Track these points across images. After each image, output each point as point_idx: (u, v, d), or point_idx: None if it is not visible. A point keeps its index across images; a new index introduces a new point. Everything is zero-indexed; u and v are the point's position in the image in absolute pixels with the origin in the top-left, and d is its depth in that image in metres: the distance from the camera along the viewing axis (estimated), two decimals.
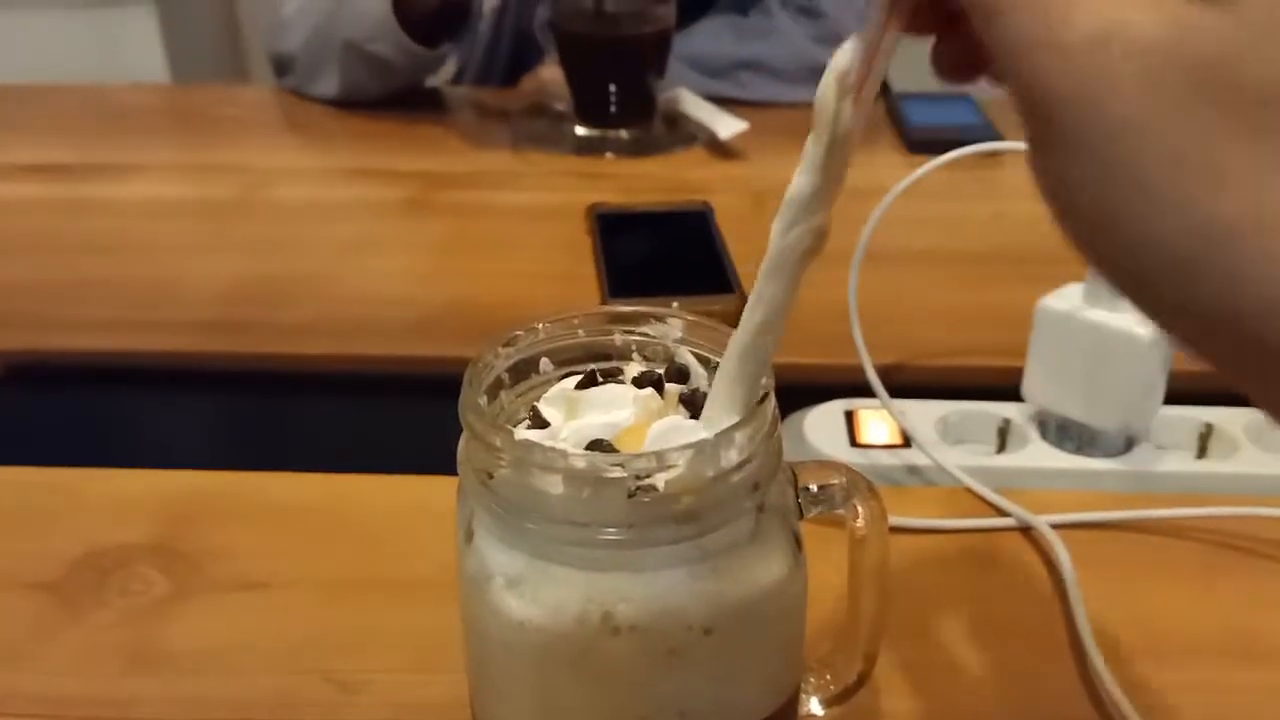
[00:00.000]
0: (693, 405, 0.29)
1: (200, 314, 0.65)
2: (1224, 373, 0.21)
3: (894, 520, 0.32)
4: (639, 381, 0.29)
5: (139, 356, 0.61)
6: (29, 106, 0.98)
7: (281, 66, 0.97)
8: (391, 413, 0.59)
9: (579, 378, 0.30)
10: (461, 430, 0.28)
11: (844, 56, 0.24)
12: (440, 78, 1.03)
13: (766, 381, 0.27)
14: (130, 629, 0.41)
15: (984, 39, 0.22)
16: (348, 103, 0.93)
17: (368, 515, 0.48)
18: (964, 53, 0.26)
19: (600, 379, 0.30)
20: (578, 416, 0.29)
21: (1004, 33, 0.21)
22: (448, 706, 0.37)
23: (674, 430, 0.27)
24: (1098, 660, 0.39)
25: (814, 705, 0.34)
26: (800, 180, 0.25)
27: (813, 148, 0.25)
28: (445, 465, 0.40)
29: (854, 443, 0.51)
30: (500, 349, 0.30)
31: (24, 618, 0.42)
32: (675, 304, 0.31)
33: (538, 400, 0.30)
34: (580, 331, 0.31)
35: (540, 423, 0.29)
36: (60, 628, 0.42)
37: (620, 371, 0.30)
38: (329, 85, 0.93)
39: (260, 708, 0.38)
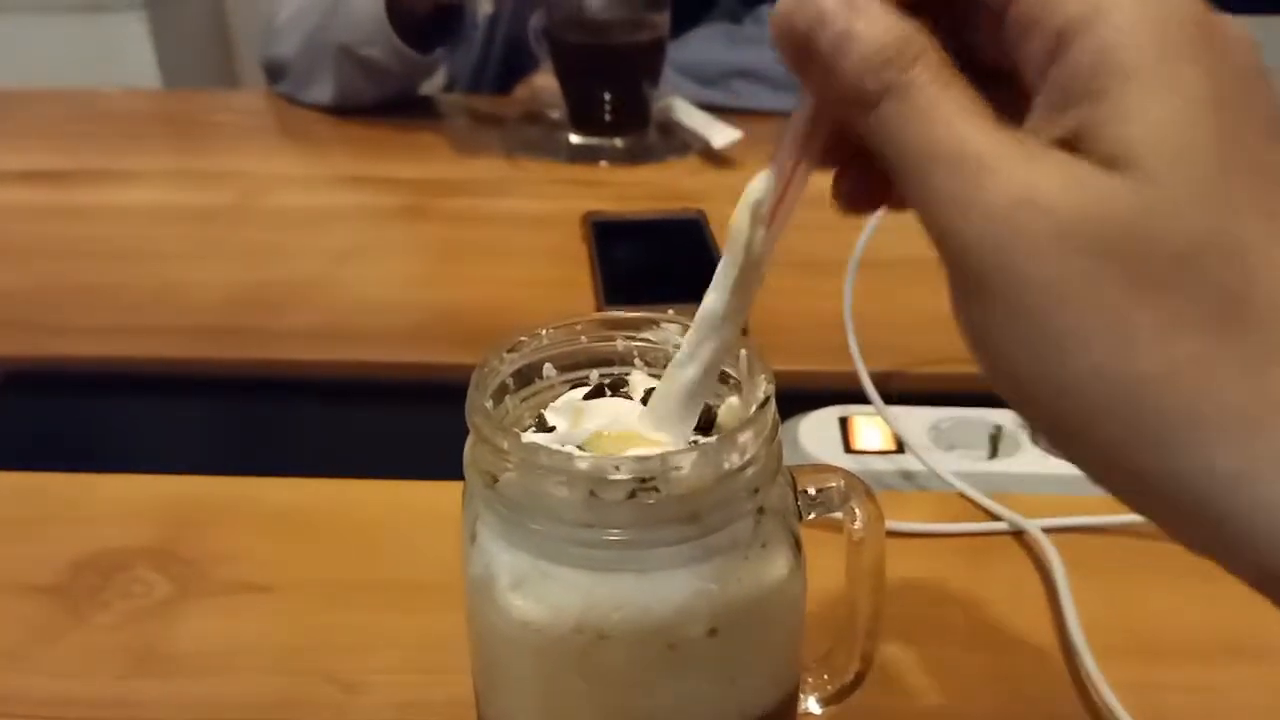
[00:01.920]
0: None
1: (196, 320, 0.65)
2: (1143, 514, 0.22)
3: (888, 525, 0.32)
4: (646, 398, 0.30)
5: (137, 363, 0.62)
6: (21, 112, 0.98)
7: (275, 72, 0.98)
8: (387, 419, 0.60)
9: (587, 389, 0.31)
10: (457, 435, 0.29)
11: (758, 187, 0.26)
12: (433, 85, 1.03)
13: (768, 385, 0.28)
14: (132, 631, 0.42)
15: (905, 195, 0.23)
16: (342, 109, 0.94)
17: (367, 519, 0.48)
18: (864, 187, 0.27)
19: (608, 391, 0.30)
20: (580, 425, 0.29)
21: (925, 192, 0.22)
22: (451, 707, 0.38)
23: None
24: (1089, 662, 0.39)
25: (811, 704, 0.35)
26: (712, 299, 0.27)
27: (725, 270, 0.26)
28: (442, 470, 0.40)
29: (848, 449, 0.52)
30: (505, 354, 0.30)
31: (27, 620, 0.42)
32: (670, 311, 0.31)
33: (542, 405, 0.31)
34: (583, 337, 0.32)
35: (545, 427, 0.29)
36: (63, 630, 0.42)
37: (626, 383, 0.31)
38: (323, 90, 0.94)
39: (263, 709, 0.39)
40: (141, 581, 0.44)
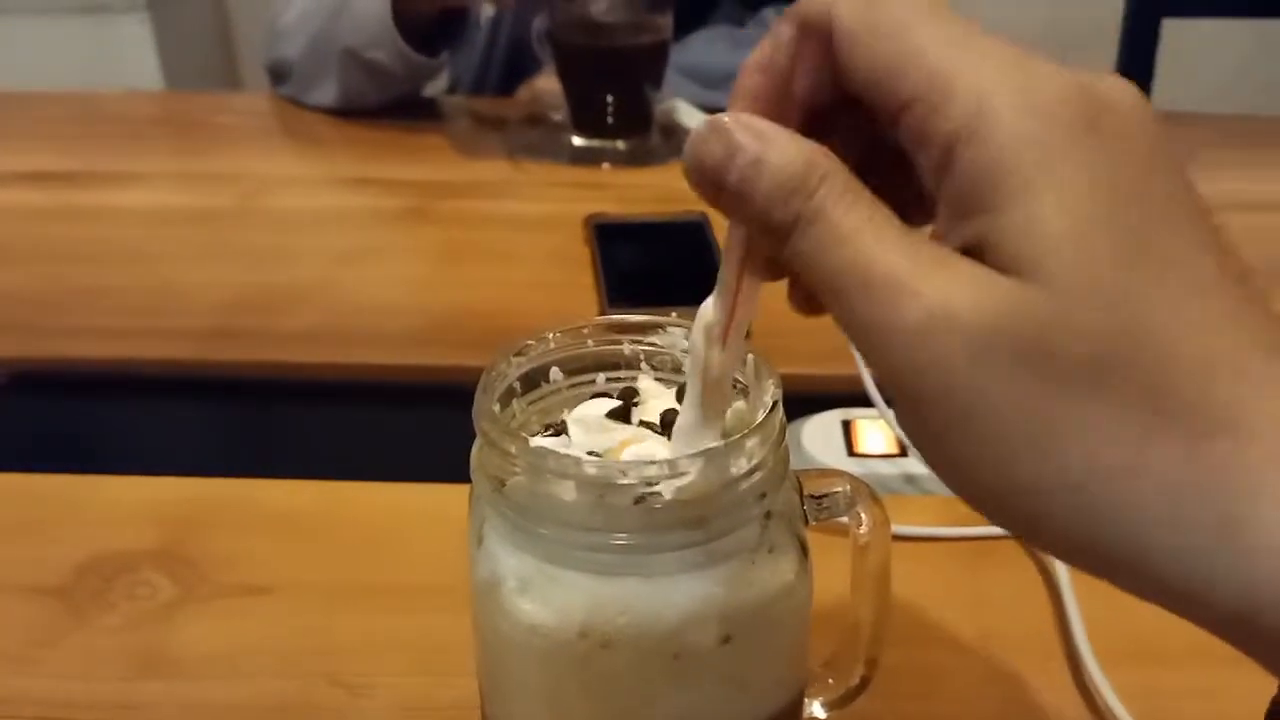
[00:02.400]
0: None
1: (199, 322, 0.65)
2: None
3: (892, 528, 0.32)
4: (665, 418, 0.30)
5: (140, 364, 0.62)
6: (23, 114, 0.98)
7: (279, 74, 0.98)
8: (389, 421, 0.60)
9: (610, 400, 0.31)
10: (461, 437, 0.29)
11: (708, 312, 0.27)
12: (436, 87, 1.03)
13: (775, 390, 0.28)
14: (136, 634, 0.42)
15: (837, 322, 0.23)
16: (345, 111, 0.94)
17: (370, 522, 0.48)
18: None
19: (621, 402, 0.30)
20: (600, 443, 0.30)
21: (847, 318, 0.23)
22: (455, 709, 0.38)
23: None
24: (1093, 667, 0.39)
25: (816, 709, 0.35)
26: (686, 414, 0.28)
27: (691, 388, 0.28)
28: (444, 472, 0.40)
29: (851, 452, 0.52)
30: (512, 358, 0.31)
31: (30, 622, 0.42)
32: (674, 314, 0.31)
33: (549, 409, 0.31)
34: (590, 341, 0.32)
35: (555, 431, 0.29)
36: (66, 632, 0.42)
37: (637, 393, 0.31)
38: (327, 93, 0.94)
39: (267, 712, 0.39)
40: (145, 584, 0.44)
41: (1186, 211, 0.22)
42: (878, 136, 0.25)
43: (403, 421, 0.60)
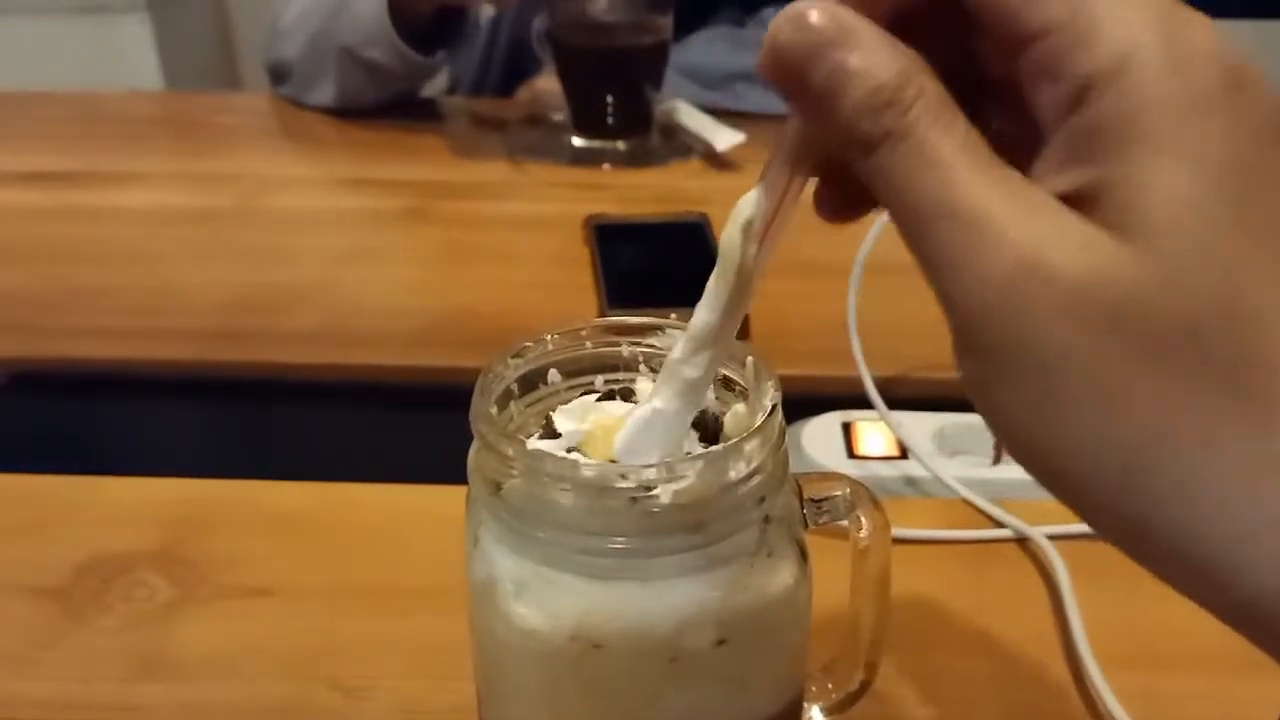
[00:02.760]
0: (702, 427, 0.29)
1: (198, 323, 0.65)
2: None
3: (891, 531, 0.32)
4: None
5: (139, 365, 0.62)
6: (23, 114, 0.98)
7: (278, 74, 0.98)
8: (389, 422, 0.60)
9: (598, 395, 0.30)
10: (460, 438, 0.28)
11: (748, 206, 0.25)
12: (435, 87, 1.03)
13: (774, 394, 0.28)
14: (135, 635, 0.42)
15: (907, 245, 0.22)
16: (345, 111, 0.94)
17: (369, 523, 0.48)
18: (851, 196, 0.26)
19: (617, 397, 0.30)
20: (582, 426, 0.29)
21: (926, 249, 0.22)
22: (454, 712, 0.38)
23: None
24: (1094, 670, 0.39)
25: (816, 713, 0.35)
26: (702, 316, 0.26)
27: (716, 287, 0.26)
28: (443, 474, 0.40)
29: (851, 454, 0.52)
30: (510, 360, 0.30)
31: (29, 623, 0.42)
32: (673, 315, 0.31)
33: (547, 411, 0.31)
34: (588, 343, 0.32)
35: (551, 433, 0.29)
36: (65, 633, 0.42)
37: (633, 392, 0.31)
38: (326, 92, 0.94)
39: (265, 713, 0.38)
40: (144, 585, 0.44)
41: None
42: (964, 59, 0.23)
43: (402, 422, 0.59)
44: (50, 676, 0.40)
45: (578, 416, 0.30)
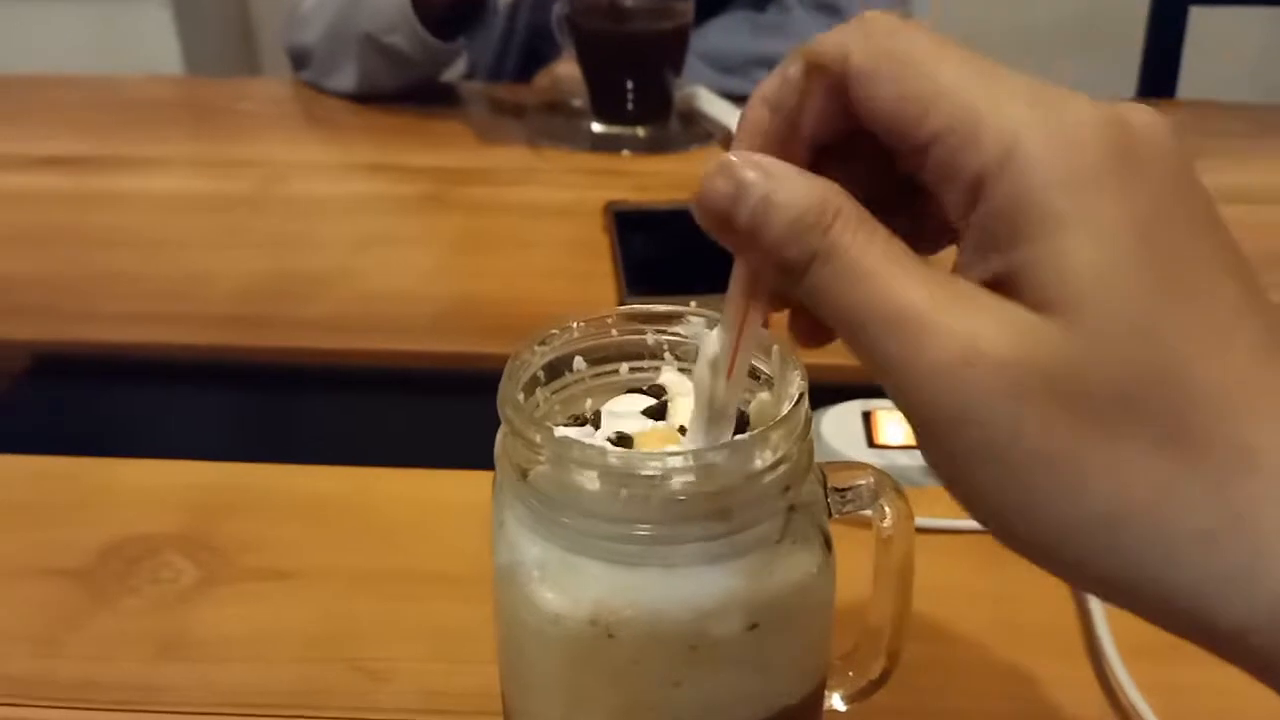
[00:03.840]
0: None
1: (218, 308, 0.65)
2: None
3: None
4: None
5: (159, 349, 0.62)
6: (44, 99, 0.98)
7: (299, 60, 0.98)
8: (408, 407, 0.60)
9: (646, 402, 0.30)
10: (480, 423, 0.29)
11: (712, 346, 0.27)
12: (454, 73, 1.03)
13: (801, 383, 0.28)
14: (159, 617, 0.42)
15: (856, 356, 0.23)
16: (364, 96, 0.94)
17: (390, 508, 0.48)
18: (820, 322, 0.27)
19: (659, 413, 0.30)
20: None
21: (870, 354, 0.23)
22: (475, 696, 0.38)
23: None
24: (1116, 661, 0.39)
25: (836, 701, 0.35)
26: (693, 439, 0.28)
27: (697, 417, 0.28)
28: (464, 459, 0.40)
29: (871, 443, 0.52)
30: (536, 347, 0.30)
31: (54, 605, 0.43)
32: (693, 302, 0.31)
33: (572, 398, 0.31)
34: (613, 331, 0.32)
35: (578, 420, 0.29)
36: (90, 615, 0.42)
37: (665, 391, 0.31)
38: (346, 78, 0.94)
39: (289, 695, 0.39)
40: (168, 567, 0.44)
41: (1212, 240, 0.22)
42: (885, 170, 0.25)
43: (421, 408, 0.60)
44: (74, 657, 0.40)
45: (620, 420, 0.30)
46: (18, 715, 0.38)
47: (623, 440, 0.29)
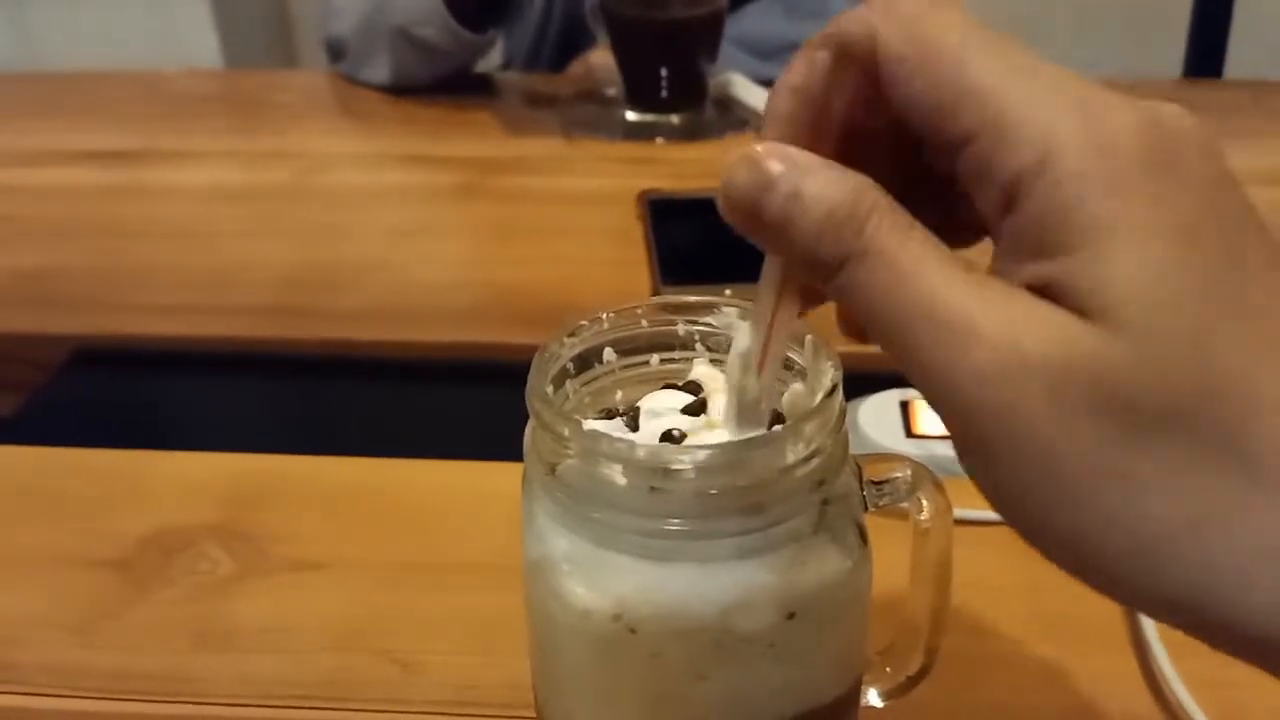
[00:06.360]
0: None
1: (256, 299, 0.66)
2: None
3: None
4: None
5: (199, 341, 0.63)
6: (86, 93, 0.99)
7: (336, 51, 0.98)
8: (444, 398, 0.60)
9: (686, 399, 0.30)
10: (514, 414, 0.28)
11: (743, 340, 0.26)
12: (489, 63, 1.03)
13: (834, 373, 0.27)
14: (197, 607, 0.42)
15: (892, 358, 0.22)
16: (398, 88, 0.94)
17: (423, 499, 0.48)
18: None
19: (698, 409, 0.30)
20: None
21: (908, 357, 0.22)
22: (507, 688, 0.38)
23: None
24: (1162, 656, 0.38)
25: (873, 697, 0.34)
26: (725, 432, 0.28)
27: (729, 410, 0.27)
28: (498, 450, 0.40)
29: (909, 433, 0.51)
30: (566, 339, 0.30)
31: (93, 595, 0.43)
32: (728, 291, 0.31)
33: (602, 390, 0.30)
34: (644, 322, 0.31)
35: (608, 414, 0.29)
36: (128, 605, 0.42)
37: (701, 388, 0.30)
38: (380, 71, 0.94)
39: (323, 685, 0.39)
40: (206, 558, 0.45)
41: (1257, 243, 0.21)
42: (913, 163, 0.24)
43: (456, 398, 0.60)
44: (112, 647, 0.41)
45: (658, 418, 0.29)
46: (55, 705, 0.39)
47: (673, 439, 0.28)
